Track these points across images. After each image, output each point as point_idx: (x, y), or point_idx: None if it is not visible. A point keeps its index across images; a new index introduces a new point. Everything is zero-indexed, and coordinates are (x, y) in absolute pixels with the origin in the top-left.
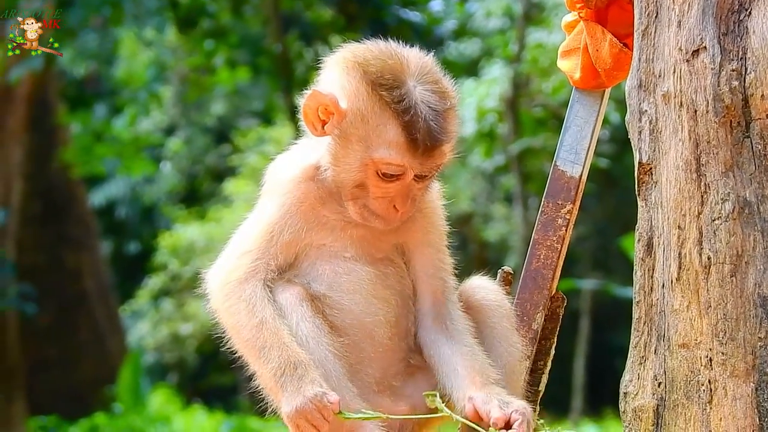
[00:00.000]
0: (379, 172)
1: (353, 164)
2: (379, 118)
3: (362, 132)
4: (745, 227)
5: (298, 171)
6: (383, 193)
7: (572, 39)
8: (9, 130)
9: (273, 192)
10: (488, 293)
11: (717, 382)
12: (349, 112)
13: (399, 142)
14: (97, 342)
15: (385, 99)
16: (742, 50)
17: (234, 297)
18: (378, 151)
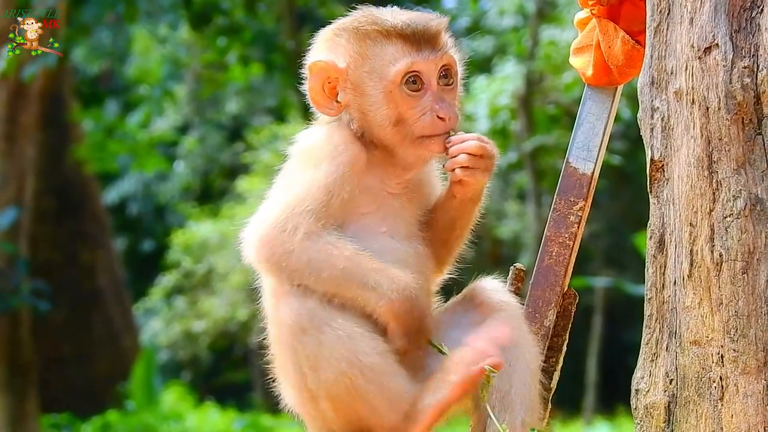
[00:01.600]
0: (403, 90)
1: (380, 101)
2: (374, 47)
3: (368, 69)
4: (757, 224)
5: (343, 134)
6: (421, 110)
7: (584, 36)
8: (22, 126)
9: (320, 157)
10: (503, 295)
11: (728, 379)
12: (349, 64)
13: (399, 49)
14: (110, 339)
15: (370, 30)
16: (755, 47)
17: (304, 251)
18: (389, 70)
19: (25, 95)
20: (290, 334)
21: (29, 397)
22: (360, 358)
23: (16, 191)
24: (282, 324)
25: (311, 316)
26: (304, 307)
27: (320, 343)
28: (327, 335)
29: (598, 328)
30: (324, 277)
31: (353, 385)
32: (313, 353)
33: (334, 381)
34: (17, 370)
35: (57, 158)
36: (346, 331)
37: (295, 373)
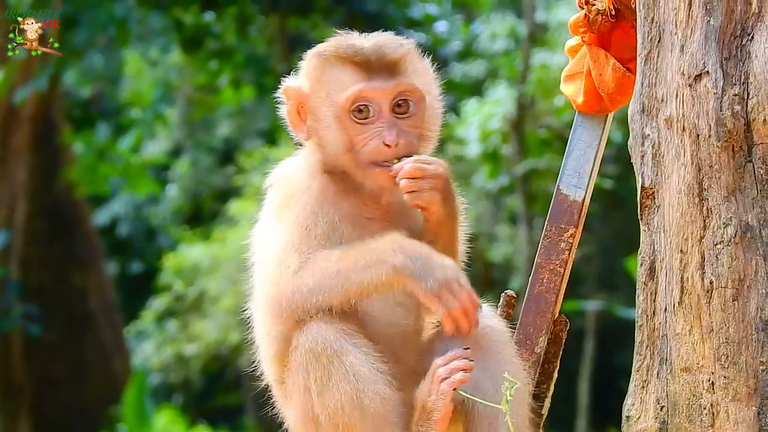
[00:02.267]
0: (352, 117)
1: (332, 127)
2: (330, 72)
3: (323, 94)
4: (747, 252)
5: (309, 167)
6: (368, 136)
7: (575, 63)
8: (14, 149)
9: (291, 196)
10: (492, 320)
11: (719, 406)
12: (310, 87)
13: (350, 76)
14: (102, 362)
15: (329, 56)
16: (745, 75)
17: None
18: (339, 96)
19: (17, 118)
20: (306, 356)
21: (21, 419)
22: (362, 399)
23: (7, 213)
24: (300, 345)
25: (327, 346)
26: (324, 335)
27: (330, 374)
28: (336, 368)
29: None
30: (331, 289)
31: (349, 422)
32: (321, 381)
33: (335, 413)
34: (9, 393)
35: (48, 181)
36: (355, 370)
37: (303, 393)
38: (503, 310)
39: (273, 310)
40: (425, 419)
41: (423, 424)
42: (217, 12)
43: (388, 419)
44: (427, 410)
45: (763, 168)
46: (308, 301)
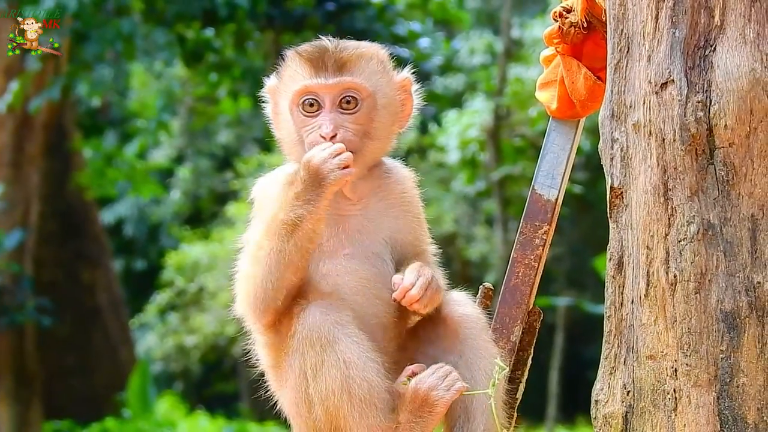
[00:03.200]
0: (299, 110)
1: (286, 119)
2: (288, 69)
3: (282, 88)
4: (709, 248)
5: (281, 176)
6: (311, 128)
7: (550, 72)
8: (28, 155)
9: (264, 205)
10: (467, 308)
11: (681, 391)
12: (277, 83)
13: (300, 72)
14: (109, 352)
15: (291, 54)
16: (708, 83)
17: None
18: (290, 89)
19: (31, 126)
20: (302, 343)
21: (33, 405)
22: (350, 385)
23: (22, 215)
24: (298, 332)
25: (321, 334)
26: (319, 324)
27: (323, 360)
28: (329, 355)
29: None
30: (269, 261)
31: (339, 405)
32: (316, 366)
33: (326, 397)
34: (23, 381)
35: (60, 184)
36: (345, 357)
37: (299, 377)
38: (481, 301)
39: (249, 306)
40: (425, 411)
41: (421, 414)
42: (217, 28)
43: (375, 405)
44: (430, 402)
45: (724, 170)
46: (265, 280)
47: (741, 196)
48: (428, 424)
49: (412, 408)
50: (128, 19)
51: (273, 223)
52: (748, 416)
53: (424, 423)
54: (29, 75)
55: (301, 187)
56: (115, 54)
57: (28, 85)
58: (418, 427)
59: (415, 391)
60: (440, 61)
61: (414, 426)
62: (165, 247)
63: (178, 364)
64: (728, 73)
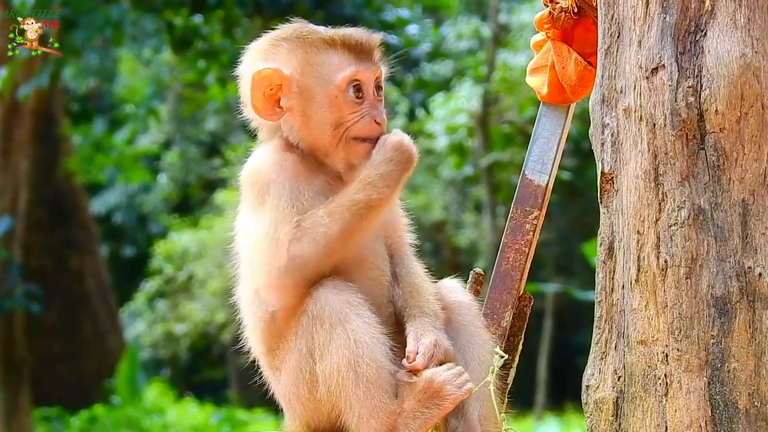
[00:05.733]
0: (347, 96)
1: (324, 105)
2: (319, 55)
3: (315, 75)
4: (700, 233)
5: (277, 152)
6: (360, 114)
7: (540, 57)
8: (16, 141)
9: (268, 183)
10: (459, 295)
11: (672, 377)
12: (294, 70)
13: (344, 59)
14: (97, 339)
15: (315, 39)
16: (698, 68)
17: (298, 244)
18: (335, 76)
19: (19, 113)
20: (312, 321)
21: (23, 392)
22: (358, 363)
23: (10, 202)
24: (308, 311)
25: (333, 313)
26: (331, 303)
27: (331, 338)
28: (338, 334)
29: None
30: (328, 235)
31: (344, 384)
32: (323, 344)
33: (330, 375)
34: (12, 368)
35: (49, 171)
36: (356, 336)
37: (304, 355)
38: (472, 287)
39: (277, 286)
40: (434, 403)
41: (429, 406)
42: (206, 15)
43: (381, 386)
44: (441, 395)
45: (714, 155)
46: (311, 260)
47: (732, 181)
48: (433, 416)
49: (421, 397)
50: (117, 5)
51: (343, 202)
52: (739, 401)
53: (429, 415)
54: (18, 62)
55: (391, 167)
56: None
57: (16, 72)
58: (422, 417)
59: (429, 381)
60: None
61: (418, 416)
62: (154, 234)
63: (167, 350)
64: (719, 58)
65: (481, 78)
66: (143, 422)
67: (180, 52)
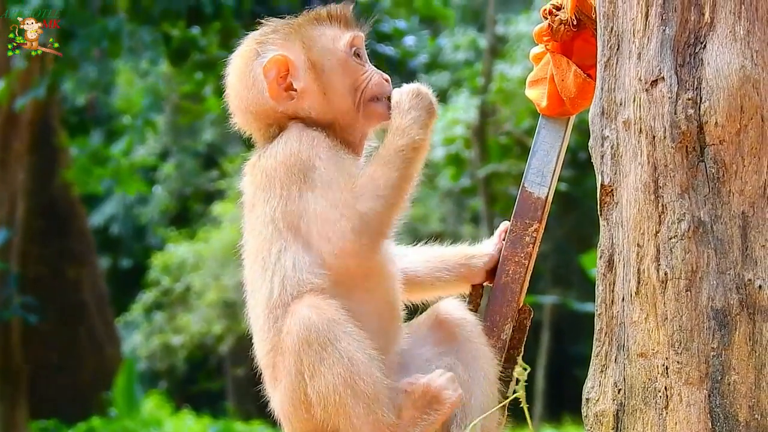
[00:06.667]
0: (353, 59)
1: (339, 71)
2: (315, 30)
3: (320, 47)
4: (700, 245)
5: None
6: (369, 74)
7: (539, 69)
8: (14, 152)
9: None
10: (465, 313)
11: (672, 389)
12: (299, 52)
13: (335, 28)
14: (94, 350)
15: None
16: (698, 81)
17: (363, 203)
18: (338, 44)
19: (17, 124)
20: (298, 343)
21: (19, 403)
22: (355, 381)
23: (8, 212)
24: (290, 332)
25: (319, 334)
26: (315, 324)
27: (322, 359)
28: (329, 353)
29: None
30: (389, 183)
31: (342, 402)
32: (313, 366)
33: (327, 395)
34: (8, 378)
35: (46, 182)
36: (350, 355)
37: (295, 376)
38: (472, 300)
39: (353, 250)
40: (433, 408)
41: (428, 412)
42: (203, 26)
43: (380, 400)
44: (440, 400)
45: (714, 167)
46: (380, 214)
47: (731, 193)
48: (432, 422)
49: (420, 404)
50: (114, 17)
51: (389, 151)
52: (739, 414)
53: (429, 421)
54: (15, 73)
55: (419, 111)
56: (101, 52)
57: (14, 83)
58: (421, 424)
59: (427, 387)
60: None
61: (418, 422)
62: (151, 246)
63: (164, 362)
64: (718, 70)
65: (478, 89)
66: None
67: (177, 64)
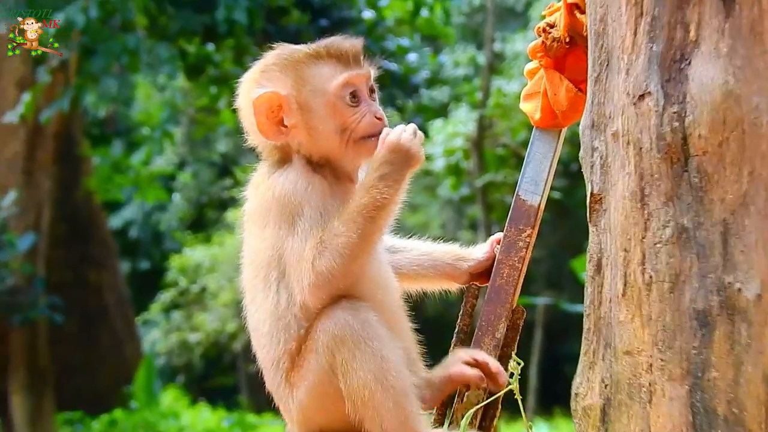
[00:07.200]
0: (344, 101)
1: (325, 114)
2: (309, 69)
3: (311, 88)
4: (683, 250)
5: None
6: (360, 115)
7: (533, 84)
8: (39, 162)
9: (297, 206)
10: None
11: (656, 385)
12: (291, 89)
13: (333, 68)
14: (116, 348)
15: (301, 57)
16: (683, 95)
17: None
18: (329, 85)
19: (42, 135)
20: (332, 341)
21: (46, 397)
22: (386, 376)
23: (34, 219)
24: (326, 332)
25: (354, 332)
26: (350, 323)
27: (354, 356)
28: (362, 351)
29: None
30: (348, 242)
31: (372, 397)
32: (347, 362)
33: (358, 389)
34: (36, 374)
35: (69, 190)
36: (380, 354)
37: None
38: (468, 300)
39: (311, 303)
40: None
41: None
42: (217, 43)
43: (409, 396)
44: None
45: (697, 177)
46: (337, 271)
47: (713, 201)
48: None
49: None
50: (133, 34)
51: (352, 209)
52: (718, 408)
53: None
54: (40, 87)
55: (389, 168)
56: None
57: (39, 96)
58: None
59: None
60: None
61: None
62: (169, 250)
63: (181, 358)
64: (703, 85)
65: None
66: (160, 426)
67: (193, 79)
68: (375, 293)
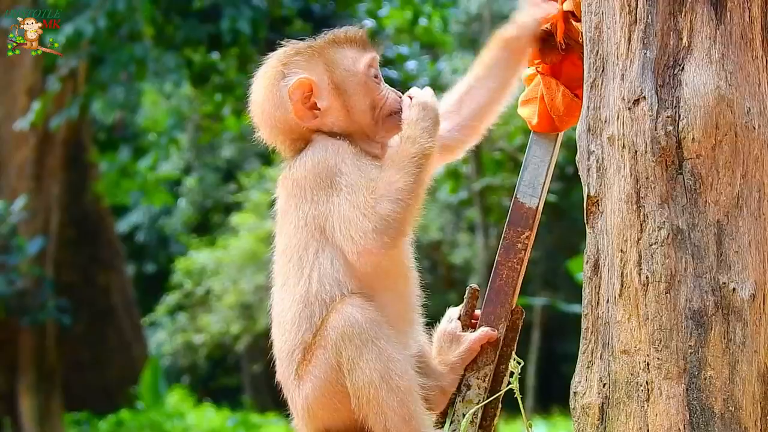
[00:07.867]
0: (371, 80)
1: (360, 92)
2: (336, 53)
3: (342, 69)
4: (678, 251)
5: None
6: (385, 93)
7: (530, 90)
8: (49, 168)
9: (333, 167)
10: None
11: (653, 384)
12: (322, 73)
13: (357, 51)
14: (122, 349)
15: (323, 43)
16: (676, 100)
17: (381, 207)
18: (359, 66)
19: (51, 142)
20: (340, 338)
21: (54, 397)
22: (391, 375)
23: (43, 223)
24: (335, 328)
25: (361, 330)
26: (358, 321)
27: (361, 353)
28: (369, 349)
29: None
30: (404, 189)
31: (377, 395)
32: (353, 359)
33: (363, 386)
34: (44, 375)
35: (78, 194)
36: (387, 353)
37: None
38: (468, 302)
39: (374, 249)
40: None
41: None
42: (222, 52)
43: (413, 395)
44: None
45: (691, 179)
46: (398, 216)
47: (707, 203)
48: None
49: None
50: (140, 43)
51: (402, 159)
52: (714, 406)
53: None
54: (50, 95)
55: (428, 122)
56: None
57: (49, 104)
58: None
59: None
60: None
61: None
62: (174, 253)
63: (186, 359)
64: (695, 90)
65: None
66: (165, 425)
67: (198, 86)
68: (397, 283)
